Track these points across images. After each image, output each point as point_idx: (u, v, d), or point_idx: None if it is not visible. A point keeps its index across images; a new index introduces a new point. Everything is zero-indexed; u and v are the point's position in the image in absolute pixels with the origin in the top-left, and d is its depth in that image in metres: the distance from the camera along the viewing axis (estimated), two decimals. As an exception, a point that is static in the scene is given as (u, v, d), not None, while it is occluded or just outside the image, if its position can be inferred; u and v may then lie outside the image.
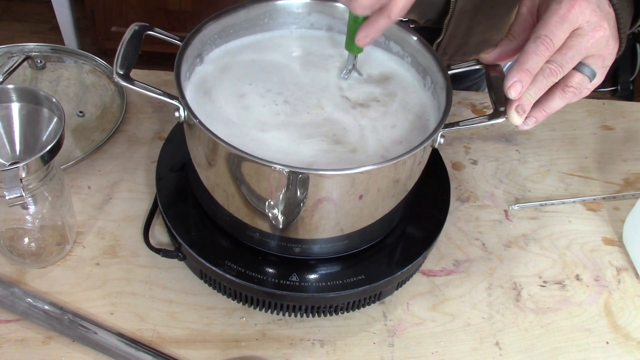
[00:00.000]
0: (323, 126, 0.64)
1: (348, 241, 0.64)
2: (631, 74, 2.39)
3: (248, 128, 0.62)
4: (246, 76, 0.68)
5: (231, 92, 0.66)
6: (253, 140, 0.61)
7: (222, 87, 0.66)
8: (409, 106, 0.68)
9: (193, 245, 0.65)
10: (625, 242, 0.78)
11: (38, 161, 0.57)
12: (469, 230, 0.78)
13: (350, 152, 0.61)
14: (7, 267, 0.68)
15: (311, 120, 0.64)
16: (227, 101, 0.65)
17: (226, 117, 0.63)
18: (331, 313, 0.67)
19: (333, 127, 0.64)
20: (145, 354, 0.61)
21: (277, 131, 0.62)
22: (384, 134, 0.64)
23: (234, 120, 0.63)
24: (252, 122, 0.63)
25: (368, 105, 0.67)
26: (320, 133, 0.63)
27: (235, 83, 0.67)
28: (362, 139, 0.63)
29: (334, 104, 0.66)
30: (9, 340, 0.62)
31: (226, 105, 0.64)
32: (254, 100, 0.65)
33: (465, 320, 0.69)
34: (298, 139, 0.62)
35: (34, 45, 0.89)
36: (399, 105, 0.68)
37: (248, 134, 0.61)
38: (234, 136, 0.61)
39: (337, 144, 0.62)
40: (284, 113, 0.64)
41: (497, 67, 0.65)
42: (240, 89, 0.66)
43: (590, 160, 0.90)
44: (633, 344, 0.69)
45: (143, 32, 0.63)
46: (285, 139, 0.61)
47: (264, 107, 0.65)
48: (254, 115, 0.64)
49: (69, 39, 2.08)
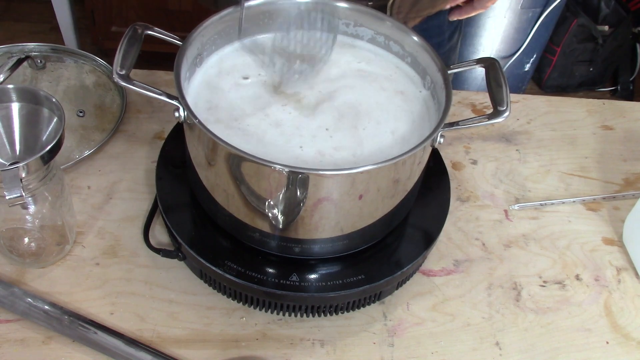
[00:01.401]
0: (322, 125, 0.64)
1: (348, 241, 0.64)
2: (631, 74, 2.39)
3: (248, 127, 0.62)
4: (246, 77, 0.68)
5: (231, 92, 0.66)
6: (254, 140, 0.61)
7: (223, 87, 0.66)
8: (408, 106, 0.68)
9: (193, 245, 0.65)
10: (625, 242, 0.78)
11: (38, 161, 0.57)
12: (469, 230, 0.78)
13: (350, 152, 0.61)
14: (7, 267, 0.68)
15: (310, 119, 0.64)
16: (228, 100, 0.65)
17: (227, 117, 0.63)
18: (331, 313, 0.67)
19: (332, 127, 0.64)
20: (145, 354, 0.61)
21: (277, 130, 0.62)
22: (383, 133, 0.64)
23: (234, 121, 0.63)
24: (252, 122, 0.63)
25: (368, 105, 0.67)
26: (318, 132, 0.63)
27: (235, 83, 0.67)
28: (362, 138, 0.63)
29: (333, 105, 0.66)
30: (9, 340, 0.62)
31: (226, 105, 0.64)
32: (254, 100, 0.65)
33: (465, 320, 0.69)
34: (296, 138, 0.62)
35: (34, 45, 0.89)
36: (399, 104, 0.68)
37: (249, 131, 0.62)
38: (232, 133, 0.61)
39: (336, 143, 0.62)
40: (284, 114, 0.64)
41: (497, 66, 0.65)
42: (240, 89, 0.66)
43: (590, 160, 0.90)
44: (633, 344, 0.69)
45: (143, 32, 0.63)
46: (285, 138, 0.61)
47: (264, 107, 0.65)
48: (254, 115, 0.64)
49: (69, 39, 2.07)
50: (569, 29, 2.15)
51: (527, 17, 1.89)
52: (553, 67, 2.27)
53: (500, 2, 1.58)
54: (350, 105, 0.66)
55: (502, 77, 0.64)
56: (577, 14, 2.13)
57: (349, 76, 0.70)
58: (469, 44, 1.51)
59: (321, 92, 0.67)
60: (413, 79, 0.71)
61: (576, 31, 2.16)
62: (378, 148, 0.62)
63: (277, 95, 0.66)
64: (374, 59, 0.73)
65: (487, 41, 1.70)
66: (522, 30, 1.92)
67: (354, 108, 0.66)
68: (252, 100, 0.65)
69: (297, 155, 0.60)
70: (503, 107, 0.61)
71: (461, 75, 1.48)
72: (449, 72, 0.64)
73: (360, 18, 0.72)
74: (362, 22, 0.72)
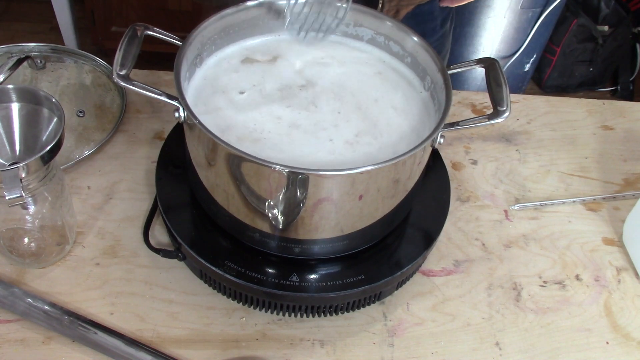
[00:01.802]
0: (322, 126, 0.64)
1: (348, 241, 0.64)
2: (631, 74, 2.39)
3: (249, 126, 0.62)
4: (246, 76, 0.68)
5: (231, 91, 0.66)
6: (254, 139, 0.61)
7: (222, 87, 0.67)
8: (408, 106, 0.68)
9: (193, 245, 0.65)
10: (625, 242, 0.78)
11: (38, 161, 0.57)
12: (469, 230, 0.78)
13: (349, 153, 0.61)
14: (7, 267, 0.68)
15: (310, 119, 0.64)
16: (228, 101, 0.65)
17: (226, 117, 0.63)
18: (331, 313, 0.67)
19: (332, 127, 0.64)
20: (145, 354, 0.61)
21: (276, 129, 0.62)
22: (383, 133, 0.64)
23: (234, 120, 0.63)
24: (252, 121, 0.63)
25: (367, 104, 0.67)
26: (318, 133, 0.63)
27: (235, 83, 0.67)
28: (362, 138, 0.63)
29: (332, 104, 0.66)
30: (9, 340, 0.62)
31: (226, 105, 0.64)
32: (254, 100, 0.65)
33: (465, 320, 0.69)
34: (295, 139, 0.62)
35: (34, 45, 0.89)
36: (398, 104, 0.68)
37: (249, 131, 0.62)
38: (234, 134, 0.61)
39: (335, 144, 0.62)
40: (284, 113, 0.64)
41: (497, 66, 0.65)
42: (240, 88, 0.66)
43: (590, 160, 0.90)
44: (633, 344, 0.69)
45: (143, 32, 0.63)
46: (285, 137, 0.61)
47: (265, 105, 0.65)
48: (255, 114, 0.64)
49: (69, 39, 2.07)
50: (569, 29, 2.15)
51: (527, 17, 1.89)
52: (553, 67, 2.27)
53: (500, 2, 1.58)
54: (351, 94, 0.66)
55: (502, 77, 0.64)
56: (577, 14, 2.13)
57: (348, 76, 0.70)
58: (469, 44, 1.51)
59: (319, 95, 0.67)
60: (412, 79, 0.71)
61: (576, 31, 2.16)
62: (377, 148, 0.62)
63: (278, 99, 0.66)
64: (372, 59, 0.73)
65: (487, 41, 1.70)
66: (522, 30, 1.92)
67: (355, 97, 0.66)
68: (253, 100, 0.65)
69: (295, 156, 0.60)
70: (503, 107, 0.61)
71: (461, 75, 1.48)
72: (449, 72, 0.64)
73: (360, 18, 0.72)
74: (362, 22, 0.72)
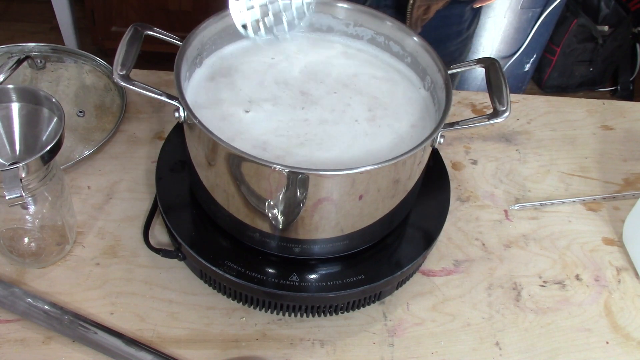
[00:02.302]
0: (322, 126, 0.64)
1: (348, 241, 0.64)
2: (631, 74, 2.39)
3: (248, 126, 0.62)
4: (246, 77, 0.68)
5: (231, 92, 0.66)
6: (253, 139, 0.61)
7: (223, 87, 0.67)
8: (408, 106, 0.68)
9: (193, 245, 0.65)
10: (625, 242, 0.78)
11: (38, 161, 0.57)
12: (469, 230, 0.78)
13: (348, 152, 0.61)
14: (7, 267, 0.68)
15: (310, 120, 0.64)
16: (228, 101, 0.65)
17: (226, 117, 0.63)
18: (331, 313, 0.67)
19: (332, 127, 0.64)
20: (145, 354, 0.61)
21: (275, 129, 0.62)
22: (383, 133, 0.64)
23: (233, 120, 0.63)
24: (252, 121, 0.63)
25: (367, 104, 0.67)
26: (318, 132, 0.63)
27: (234, 84, 0.67)
28: (361, 138, 0.63)
29: (332, 105, 0.66)
30: (9, 340, 0.62)
31: (227, 105, 0.64)
32: (255, 99, 0.65)
33: (465, 320, 0.69)
34: (296, 138, 0.62)
35: (34, 45, 0.89)
36: (399, 104, 0.68)
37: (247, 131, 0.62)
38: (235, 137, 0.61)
39: (336, 143, 0.62)
40: (284, 113, 0.64)
41: (497, 66, 0.65)
42: (240, 89, 0.66)
43: (590, 160, 0.90)
44: (633, 344, 0.69)
45: (143, 32, 0.63)
46: (285, 137, 0.62)
47: (265, 105, 0.65)
48: (255, 113, 0.64)
49: (69, 39, 2.07)
50: (569, 29, 2.15)
51: (527, 17, 1.89)
52: (553, 67, 2.27)
53: (500, 2, 1.58)
54: (350, 104, 0.66)
55: (502, 77, 0.64)
56: (577, 14, 2.13)
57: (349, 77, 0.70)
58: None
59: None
60: (412, 79, 0.71)
61: (576, 31, 2.16)
62: (376, 148, 0.62)
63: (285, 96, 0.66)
64: (372, 59, 0.73)
65: (487, 41, 1.70)
66: (522, 30, 1.93)
67: (355, 107, 0.66)
68: (254, 100, 0.66)
69: (292, 156, 0.60)
70: (503, 107, 0.61)
71: (461, 75, 1.48)
72: (449, 72, 0.64)
73: (360, 18, 0.72)
74: (362, 22, 0.72)
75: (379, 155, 0.62)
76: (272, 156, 0.59)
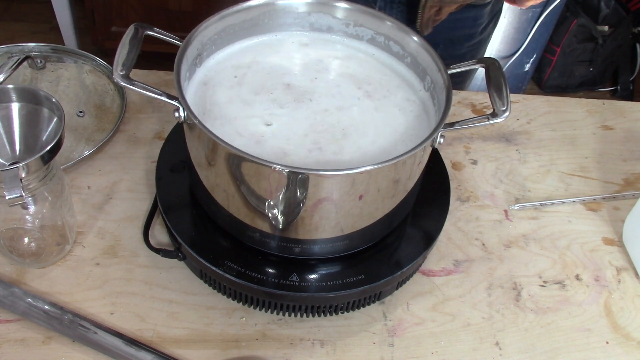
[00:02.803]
0: (321, 126, 0.64)
1: (348, 241, 0.64)
2: (631, 74, 2.39)
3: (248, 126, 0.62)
4: (246, 76, 0.68)
5: (232, 93, 0.66)
6: (253, 138, 0.61)
7: (223, 87, 0.67)
8: (408, 106, 0.68)
9: (193, 245, 0.65)
10: (625, 242, 0.78)
11: (38, 161, 0.57)
12: (469, 230, 0.78)
13: (349, 152, 0.61)
14: (7, 267, 0.68)
15: (309, 120, 0.64)
16: (228, 101, 0.65)
17: (225, 116, 0.63)
18: (331, 313, 0.67)
19: (331, 127, 0.64)
20: (145, 354, 0.61)
21: (276, 130, 0.62)
22: (383, 134, 0.64)
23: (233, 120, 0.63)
24: (251, 120, 0.63)
25: (367, 106, 0.67)
26: (318, 133, 0.63)
27: (234, 84, 0.67)
28: (361, 138, 0.63)
29: (332, 105, 0.66)
30: (9, 340, 0.62)
31: (228, 105, 0.64)
32: (255, 100, 0.65)
33: (465, 320, 0.69)
34: (296, 138, 0.62)
35: (34, 45, 0.89)
36: (399, 105, 0.68)
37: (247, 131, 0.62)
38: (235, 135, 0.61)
39: (335, 144, 0.62)
40: (283, 113, 0.64)
41: (497, 66, 0.65)
42: (240, 89, 0.67)
43: (590, 160, 0.90)
44: (633, 344, 0.69)
45: (143, 32, 0.63)
46: (283, 138, 0.62)
47: (264, 105, 0.65)
48: (254, 114, 0.64)
49: (69, 39, 2.07)
50: (569, 29, 2.15)
51: (527, 17, 1.89)
52: (553, 67, 2.27)
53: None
54: (349, 104, 0.66)
55: (502, 77, 0.64)
56: (577, 14, 2.13)
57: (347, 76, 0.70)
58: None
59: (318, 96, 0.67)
60: (412, 79, 0.71)
61: (576, 31, 2.16)
62: (376, 148, 0.62)
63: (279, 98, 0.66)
64: (372, 59, 0.73)
65: (487, 41, 1.70)
66: (522, 30, 1.93)
67: (353, 107, 0.66)
68: (254, 100, 0.66)
69: (294, 155, 0.60)
70: (503, 107, 0.61)
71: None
72: (449, 72, 0.64)
73: (360, 18, 0.72)
74: (362, 22, 0.72)
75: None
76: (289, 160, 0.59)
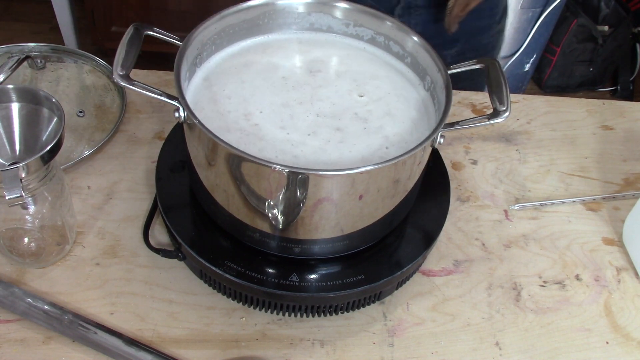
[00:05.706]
0: (321, 126, 0.64)
1: (348, 241, 0.64)
2: (631, 74, 2.39)
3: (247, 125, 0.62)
4: (245, 77, 0.68)
5: (232, 93, 0.66)
6: (253, 138, 0.61)
7: (223, 87, 0.67)
8: (408, 106, 0.68)
9: (193, 245, 0.65)
10: (625, 242, 0.78)
11: (38, 161, 0.57)
12: (469, 230, 0.78)
13: (348, 152, 0.61)
14: (7, 267, 0.68)
15: (309, 120, 0.64)
16: (228, 100, 0.65)
17: (225, 116, 0.63)
18: (331, 313, 0.67)
19: (331, 127, 0.64)
20: (145, 354, 0.61)
21: (277, 130, 0.62)
22: (383, 134, 0.64)
23: (233, 119, 0.63)
24: (251, 120, 0.63)
25: (367, 106, 0.67)
26: (318, 133, 0.63)
27: (234, 84, 0.67)
28: (361, 138, 0.63)
29: (332, 105, 0.66)
30: (9, 340, 0.62)
31: (227, 105, 0.64)
32: (255, 100, 0.65)
33: (465, 320, 0.69)
34: (296, 138, 0.62)
35: (34, 45, 0.89)
36: (399, 105, 0.68)
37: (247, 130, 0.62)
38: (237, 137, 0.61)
39: (335, 144, 0.62)
40: (283, 113, 0.64)
41: (497, 66, 0.65)
42: (240, 89, 0.67)
43: (590, 160, 0.90)
44: (633, 344, 0.69)
45: (143, 32, 0.63)
46: (284, 138, 0.62)
47: (264, 105, 0.65)
48: (254, 113, 0.64)
49: (69, 39, 2.08)
50: (569, 29, 2.15)
51: (527, 17, 1.89)
52: (553, 67, 2.27)
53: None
54: (349, 103, 0.66)
55: (502, 77, 0.64)
56: (577, 14, 2.13)
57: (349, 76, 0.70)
58: (469, 44, 1.50)
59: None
60: (412, 79, 0.71)
61: (576, 31, 2.16)
62: (376, 149, 0.62)
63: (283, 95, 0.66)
64: (372, 59, 0.73)
65: (487, 41, 1.70)
66: (522, 30, 1.92)
67: (353, 108, 0.66)
68: (253, 100, 0.66)
69: (293, 155, 0.60)
70: (503, 107, 0.61)
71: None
72: (449, 72, 0.64)
73: (360, 18, 0.72)
74: (362, 22, 0.72)
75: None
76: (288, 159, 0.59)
